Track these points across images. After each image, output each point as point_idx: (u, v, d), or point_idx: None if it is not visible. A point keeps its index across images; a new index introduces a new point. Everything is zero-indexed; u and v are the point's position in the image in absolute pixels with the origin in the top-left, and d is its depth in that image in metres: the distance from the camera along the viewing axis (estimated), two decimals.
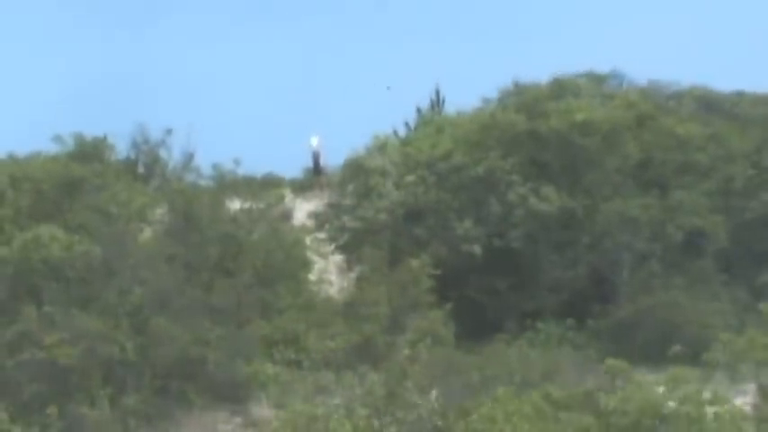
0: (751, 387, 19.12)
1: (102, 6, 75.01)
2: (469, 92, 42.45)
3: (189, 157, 37.51)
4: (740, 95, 40.36)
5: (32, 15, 73.51)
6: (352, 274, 35.55)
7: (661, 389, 18.07)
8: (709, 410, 17.47)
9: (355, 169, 38.08)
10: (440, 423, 23.21)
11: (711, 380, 18.39)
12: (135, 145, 37.95)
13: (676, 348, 19.11)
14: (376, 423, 22.75)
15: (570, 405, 20.46)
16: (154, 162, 37.94)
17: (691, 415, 17.20)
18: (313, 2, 76.11)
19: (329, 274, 35.76)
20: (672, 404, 17.39)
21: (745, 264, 35.73)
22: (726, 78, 41.68)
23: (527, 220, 35.03)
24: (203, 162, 37.04)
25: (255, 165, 41.27)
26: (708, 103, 39.50)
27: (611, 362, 19.82)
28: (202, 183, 36.05)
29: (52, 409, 26.13)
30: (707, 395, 17.65)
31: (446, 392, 25.27)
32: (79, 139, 35.45)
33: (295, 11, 75.48)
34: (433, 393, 24.93)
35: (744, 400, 18.97)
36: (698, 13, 72.36)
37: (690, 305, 31.89)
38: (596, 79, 40.47)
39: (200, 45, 73.90)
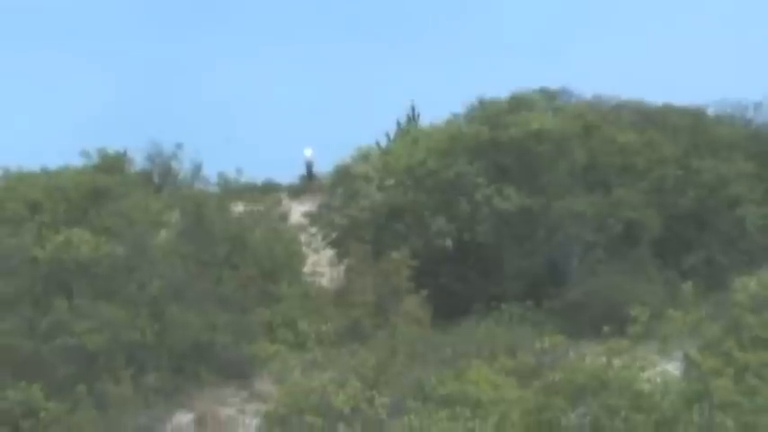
0: (679, 354, 19.22)
1: (117, 35, 75.30)
2: (440, 108, 42.54)
3: (198, 168, 37.39)
4: (669, 107, 40.45)
5: (61, 46, 73.52)
6: (342, 266, 35.53)
7: (603, 358, 18.15)
8: (643, 375, 17.61)
9: (343, 175, 38.12)
10: (424, 389, 23.13)
11: (645, 349, 18.46)
12: (150, 158, 37.84)
13: (607, 327, 19.12)
14: (367, 392, 22.67)
15: (524, 376, 20.57)
16: (167, 173, 37.84)
17: (624, 378, 17.26)
18: (306, 33, 76.42)
19: (321, 266, 35.75)
20: (611, 372, 17.50)
21: (675, 250, 35.84)
22: (657, 93, 41.79)
23: (491, 217, 35.08)
24: (210, 172, 37.04)
25: (256, 173, 41.44)
26: (643, 115, 39.54)
27: (551, 338, 19.87)
28: (210, 190, 36.04)
29: (82, 388, 26.13)
30: (641, 362, 17.78)
31: (424, 365, 25.31)
32: (103, 154, 35.41)
33: (290, 41, 75.82)
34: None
35: (674, 365, 19.06)
36: (632, 37, 72.95)
37: (629, 286, 31.88)
38: (548, 94, 40.48)
39: (207, 69, 74.08)
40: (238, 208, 34.42)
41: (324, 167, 45.11)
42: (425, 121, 45.85)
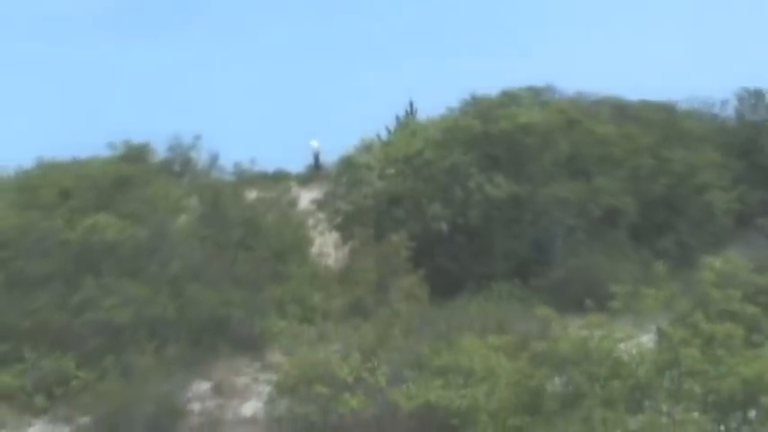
0: (652, 327, 19.29)
1: (142, 35, 75.40)
2: (437, 103, 42.58)
3: (214, 158, 37.25)
4: (644, 103, 40.52)
5: (85, 43, 73.67)
6: (346, 248, 35.55)
7: (584, 331, 18.20)
8: (620, 346, 17.69)
9: (347, 165, 38.11)
10: (421, 360, 23.17)
11: (622, 322, 18.52)
12: (171, 148, 37.60)
13: (588, 301, 19.15)
14: (369, 363, 22.71)
15: (513, 345, 20.65)
16: (186, 162, 37.63)
17: (604, 348, 17.32)
18: (315, 33, 76.68)
19: (327, 248, 35.74)
20: (591, 343, 17.55)
21: (650, 233, 35.94)
22: (634, 89, 41.87)
23: (483, 203, 35.08)
24: (226, 161, 36.99)
25: (268, 162, 41.46)
26: (620, 109, 39.63)
27: (541, 310, 19.89)
28: (226, 178, 35.98)
29: (109, 358, 26.17)
30: (619, 334, 17.84)
31: (421, 338, 25.31)
32: (128, 145, 35.35)
33: (301, 41, 76.17)
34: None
35: (648, 337, 19.12)
36: (611, 39, 73.12)
37: (608, 266, 31.95)
38: (535, 91, 40.51)
39: (226, 67, 74.33)
40: (252, 195, 34.40)
41: (329, 158, 45.20)
42: (423, 115, 45.91)
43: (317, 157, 49.05)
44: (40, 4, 72.56)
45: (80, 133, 41.92)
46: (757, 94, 42.67)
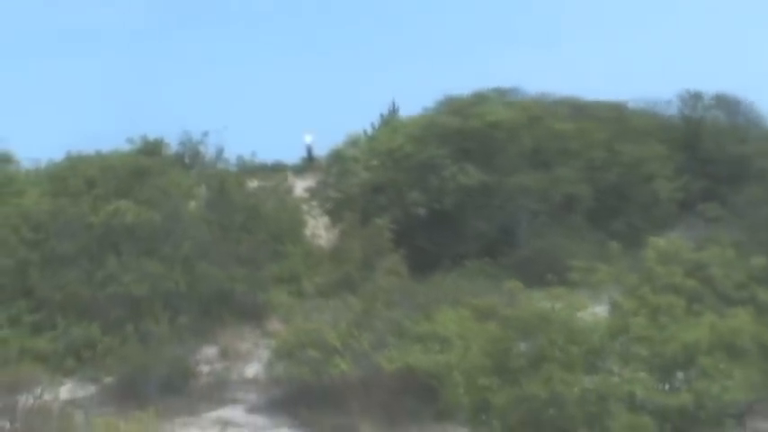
0: (605, 299, 19.45)
1: (155, 43, 75.29)
2: (416, 102, 42.81)
3: (220, 151, 37.22)
4: (598, 102, 40.69)
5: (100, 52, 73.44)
6: (336, 230, 35.67)
7: (545, 303, 18.34)
8: (578, 315, 17.83)
9: (336, 157, 38.23)
10: (401, 328, 23.25)
11: (579, 295, 18.64)
12: (182, 143, 37.53)
13: (549, 277, 19.31)
14: (355, 331, 22.80)
15: (483, 314, 20.74)
16: (196, 155, 37.60)
17: (563, 317, 17.46)
18: (309, 41, 76.79)
19: (319, 230, 35.83)
20: (552, 313, 17.69)
21: (604, 217, 36.07)
22: (588, 90, 42.15)
23: (456, 191, 35.22)
24: (230, 154, 37.01)
25: (267, 155, 41.57)
26: (577, 108, 39.71)
27: (509, 283, 20.00)
28: (230, 169, 35.98)
29: (129, 327, 26.27)
30: (576, 305, 17.97)
31: (402, 309, 25.36)
32: (144, 140, 35.35)
33: (298, 49, 76.36)
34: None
35: (602, 308, 19.28)
36: (569, 46, 73.46)
37: (567, 246, 31.99)
38: (502, 92, 40.64)
39: (231, 71, 74.49)
40: (253, 184, 34.40)
41: (321, 151, 45.29)
42: (404, 113, 46.05)
43: (310, 151, 49.19)
44: (61, 19, 72.31)
45: (103, 130, 41.93)
46: (697, 95, 42.99)
